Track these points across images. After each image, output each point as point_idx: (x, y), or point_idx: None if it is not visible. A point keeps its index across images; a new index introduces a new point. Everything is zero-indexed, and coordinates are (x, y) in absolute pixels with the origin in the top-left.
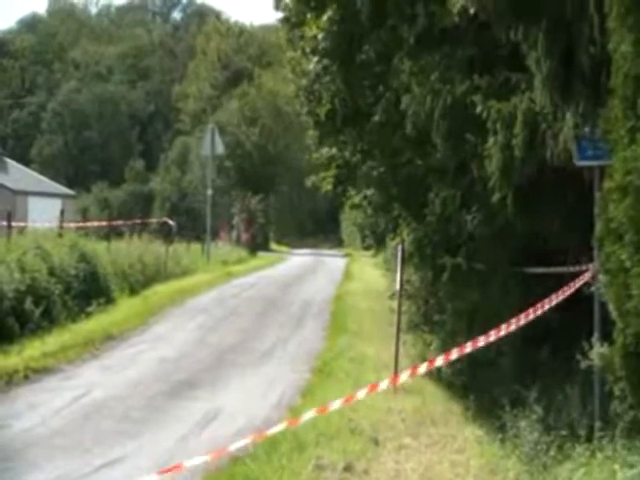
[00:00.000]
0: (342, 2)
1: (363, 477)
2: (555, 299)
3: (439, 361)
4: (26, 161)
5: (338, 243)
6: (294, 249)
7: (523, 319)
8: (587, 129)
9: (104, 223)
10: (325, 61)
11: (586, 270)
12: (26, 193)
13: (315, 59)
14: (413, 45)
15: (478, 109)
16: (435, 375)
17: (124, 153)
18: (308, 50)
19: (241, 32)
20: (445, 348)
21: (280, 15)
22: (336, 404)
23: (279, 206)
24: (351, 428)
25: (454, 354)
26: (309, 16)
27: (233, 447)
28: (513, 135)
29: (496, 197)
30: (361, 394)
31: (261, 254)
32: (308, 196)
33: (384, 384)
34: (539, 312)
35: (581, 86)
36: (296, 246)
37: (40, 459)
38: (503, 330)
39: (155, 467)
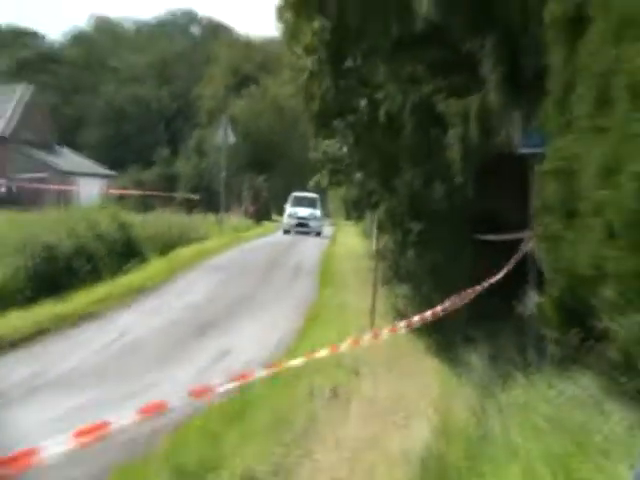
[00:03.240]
0: (332, 16)
1: (346, 398)
2: (506, 266)
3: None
4: (75, 148)
5: (326, 214)
6: None
7: (479, 287)
8: (528, 124)
9: (139, 192)
10: (316, 65)
11: (526, 237)
12: (75, 174)
13: (310, 59)
14: (388, 51)
15: (439, 107)
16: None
17: (154, 142)
18: (304, 53)
19: (247, 44)
20: (412, 297)
21: (281, 26)
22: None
23: (280, 184)
24: (337, 362)
25: (416, 319)
26: (304, 24)
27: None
28: (468, 127)
29: (458, 180)
30: (344, 347)
31: (265, 223)
32: (303, 176)
33: (367, 338)
34: (493, 280)
35: (523, 89)
36: None
37: (80, 387)
38: (460, 299)
39: (177, 393)
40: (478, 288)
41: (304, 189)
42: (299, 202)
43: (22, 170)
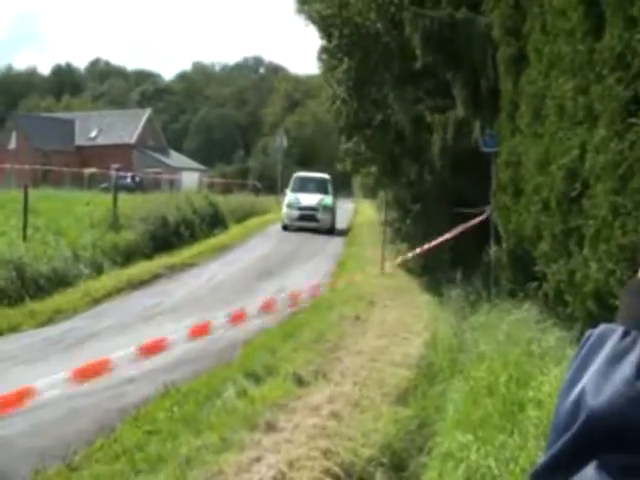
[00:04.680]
0: (356, 58)
1: (365, 321)
2: (470, 223)
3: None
4: (180, 151)
5: (350, 195)
6: None
7: (452, 232)
8: (487, 130)
9: (223, 180)
10: (345, 93)
11: (486, 209)
12: (180, 169)
13: (341, 88)
14: (392, 82)
15: (428, 119)
16: (404, 266)
17: (233, 146)
18: (336, 84)
19: (297, 78)
20: (409, 251)
21: (320, 65)
22: (343, 282)
23: None
24: (358, 296)
25: (411, 253)
26: (337, 64)
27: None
28: (446, 133)
29: (437, 167)
30: (359, 277)
31: None
32: (334, 168)
33: (375, 270)
34: (460, 229)
35: (483, 106)
36: None
37: (186, 312)
38: (440, 238)
39: (249, 317)
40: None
41: (337, 178)
42: (303, 185)
43: (145, 167)
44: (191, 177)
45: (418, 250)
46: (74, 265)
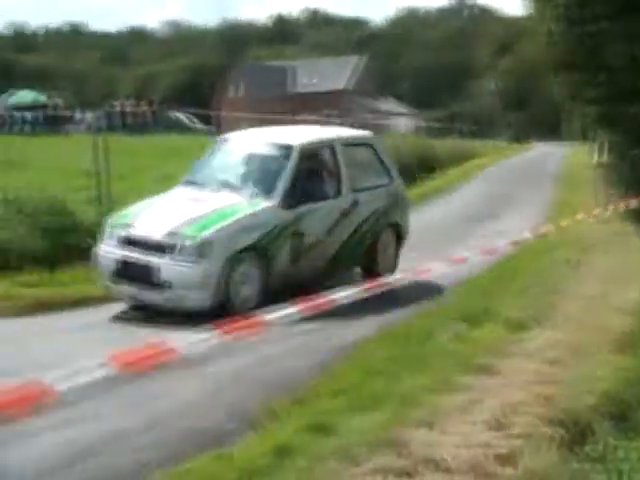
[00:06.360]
0: None
1: (580, 266)
2: None
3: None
4: (393, 96)
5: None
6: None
7: None
8: None
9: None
10: (560, 29)
11: None
12: (393, 113)
13: (555, 24)
14: (611, 17)
15: None
16: (617, 215)
17: (444, 90)
18: (550, 20)
19: (506, 20)
20: (621, 198)
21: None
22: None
23: (530, 118)
24: (572, 241)
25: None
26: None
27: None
28: None
29: None
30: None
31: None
32: (546, 110)
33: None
34: None
35: None
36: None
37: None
38: None
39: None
40: None
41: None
42: (218, 168)
43: (358, 112)
44: (404, 121)
45: None
46: None
